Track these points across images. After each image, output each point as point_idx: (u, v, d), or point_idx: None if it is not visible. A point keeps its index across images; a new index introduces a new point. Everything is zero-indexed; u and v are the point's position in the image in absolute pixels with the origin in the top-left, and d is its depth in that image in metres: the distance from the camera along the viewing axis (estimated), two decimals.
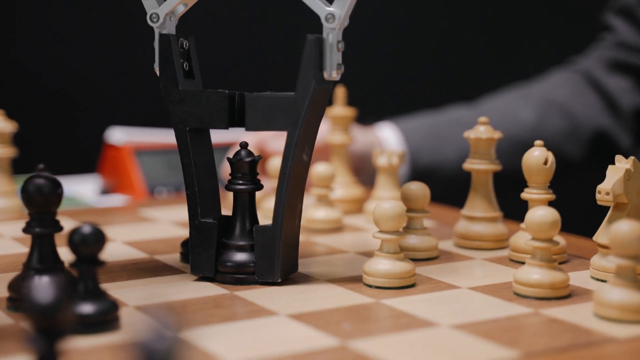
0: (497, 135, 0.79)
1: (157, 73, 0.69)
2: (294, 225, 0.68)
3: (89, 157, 1.38)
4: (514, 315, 0.59)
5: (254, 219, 0.68)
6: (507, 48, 1.90)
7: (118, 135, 1.21)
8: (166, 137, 1.24)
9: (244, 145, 0.68)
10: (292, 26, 1.44)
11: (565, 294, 0.63)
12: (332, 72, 0.66)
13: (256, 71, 1.73)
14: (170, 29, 0.70)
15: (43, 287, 0.39)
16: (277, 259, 0.66)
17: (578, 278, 0.68)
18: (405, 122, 1.26)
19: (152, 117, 1.58)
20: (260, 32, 1.79)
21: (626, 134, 1.27)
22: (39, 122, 1.62)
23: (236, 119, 0.68)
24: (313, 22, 0.67)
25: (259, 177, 0.69)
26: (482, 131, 0.79)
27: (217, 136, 1.26)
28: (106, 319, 0.55)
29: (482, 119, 0.79)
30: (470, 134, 0.79)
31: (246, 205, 0.68)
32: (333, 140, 0.99)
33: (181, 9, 0.70)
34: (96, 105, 1.72)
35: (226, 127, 0.67)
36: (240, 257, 0.67)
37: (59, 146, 1.65)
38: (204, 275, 0.68)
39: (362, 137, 1.18)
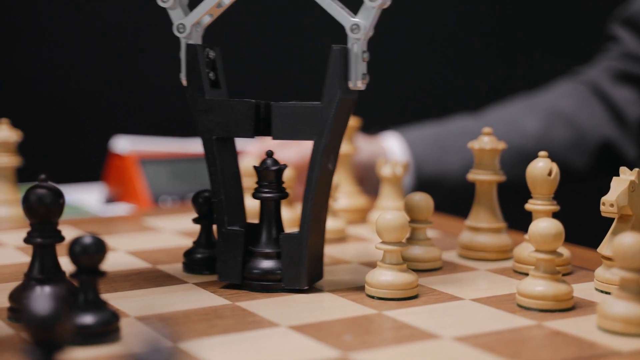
0: (501, 145, 0.79)
1: (184, 83, 0.70)
2: (319, 232, 0.69)
3: (94, 166, 1.38)
4: (517, 328, 0.59)
5: (280, 227, 0.69)
6: (512, 58, 1.90)
7: (123, 144, 1.21)
8: (171, 146, 1.24)
9: (269, 154, 0.69)
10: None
11: (569, 306, 0.63)
12: (357, 82, 0.66)
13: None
14: (197, 39, 0.70)
15: (41, 299, 0.39)
16: (304, 266, 0.67)
17: (582, 290, 0.68)
18: (410, 132, 1.26)
19: (158, 126, 1.58)
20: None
21: (632, 144, 1.26)
22: (44, 130, 1.62)
23: (261, 128, 0.68)
24: (337, 32, 0.68)
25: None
26: (486, 142, 0.79)
27: None
28: (106, 329, 0.55)
29: (486, 129, 0.79)
30: (475, 145, 0.79)
31: (272, 213, 0.69)
32: None
33: (207, 20, 0.71)
34: (101, 114, 1.72)
35: (252, 136, 0.68)
36: (267, 264, 0.68)
37: (64, 155, 1.65)
38: (231, 283, 0.68)
39: (366, 146, 1.17)
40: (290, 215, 0.91)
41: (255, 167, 0.69)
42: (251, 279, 0.68)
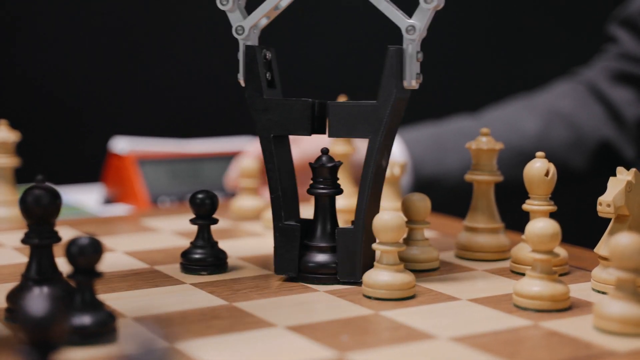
0: (498, 146, 0.79)
1: (242, 84, 0.72)
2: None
3: (94, 167, 1.38)
4: (514, 328, 0.59)
5: (334, 221, 0.72)
6: (511, 59, 1.90)
7: (122, 145, 1.21)
8: (170, 146, 1.24)
9: (325, 151, 0.71)
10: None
11: (565, 307, 0.63)
12: (412, 81, 0.69)
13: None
14: (254, 40, 0.72)
15: (36, 299, 0.39)
16: (359, 260, 0.69)
17: (579, 290, 0.68)
18: (409, 132, 1.26)
19: (157, 127, 1.58)
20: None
21: (630, 145, 1.26)
22: (44, 131, 1.62)
23: (317, 126, 0.71)
24: (382, 32, 0.69)
25: (264, 187, 0.70)
26: (483, 142, 0.79)
27: (223, 145, 1.27)
28: (103, 330, 0.55)
29: (484, 129, 0.79)
30: (472, 145, 0.79)
31: (327, 208, 0.72)
32: (336, 151, 0.98)
33: (264, 22, 0.73)
34: (101, 115, 1.72)
35: (309, 134, 0.71)
36: (322, 258, 0.70)
37: (64, 156, 1.65)
38: (289, 276, 0.71)
39: (365, 146, 1.17)
40: None
41: (310, 164, 0.72)
42: (306, 272, 0.70)
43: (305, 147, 1.12)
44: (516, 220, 0.89)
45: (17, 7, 1.66)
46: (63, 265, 0.58)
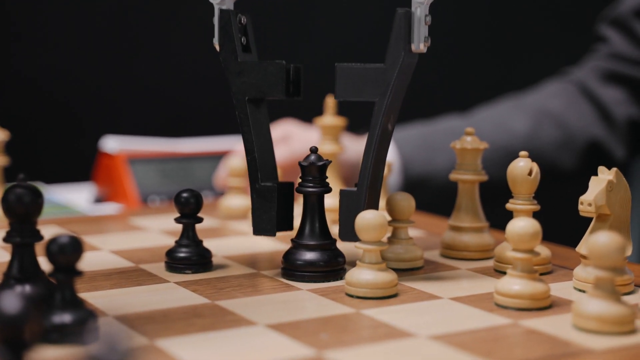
0: (482, 145, 0.79)
1: (217, 48, 0.73)
2: (376, 190, 0.72)
3: (85, 166, 1.38)
4: (493, 326, 0.59)
5: (323, 220, 0.73)
6: (501, 59, 1.91)
7: (112, 144, 1.21)
8: (160, 145, 1.24)
9: (314, 150, 0.72)
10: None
11: (545, 305, 0.63)
12: (420, 45, 0.70)
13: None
14: (229, 5, 0.74)
15: (9, 298, 0.39)
16: None
17: (561, 289, 0.68)
18: (399, 132, 1.26)
19: (149, 126, 1.58)
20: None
21: (620, 144, 1.26)
22: (35, 130, 1.62)
23: (292, 91, 0.72)
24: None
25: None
26: (468, 141, 0.79)
27: (212, 144, 1.27)
28: (83, 328, 0.55)
29: (469, 129, 0.79)
30: (457, 144, 0.79)
31: (315, 207, 0.72)
32: (323, 150, 0.99)
33: None
34: (92, 114, 1.72)
35: (284, 96, 0.72)
36: (310, 256, 0.71)
37: (55, 155, 1.66)
38: (266, 236, 0.72)
39: (354, 146, 1.18)
40: None
41: (299, 163, 0.72)
42: (294, 270, 0.71)
43: (294, 147, 1.12)
44: (505, 220, 0.89)
45: (9, 6, 1.66)
46: (45, 263, 0.58)
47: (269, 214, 0.72)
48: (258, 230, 0.72)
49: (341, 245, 0.76)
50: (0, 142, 1.00)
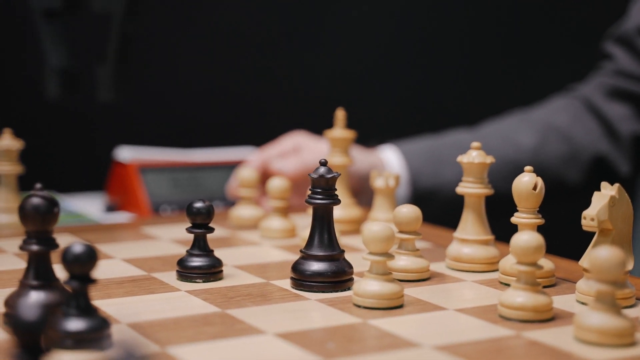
0: (489, 159, 0.80)
1: None
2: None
3: (98, 175, 1.40)
4: (496, 338, 0.61)
5: (332, 231, 0.74)
6: (508, 74, 1.92)
7: (125, 154, 1.23)
8: (172, 155, 1.26)
9: (323, 162, 0.74)
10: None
11: (548, 317, 0.64)
12: None
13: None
14: None
15: (27, 305, 0.41)
16: None
17: (564, 301, 0.70)
18: (407, 145, 1.28)
19: (161, 137, 1.60)
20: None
21: (625, 160, 1.28)
22: (50, 140, 1.64)
23: None
24: None
25: (263, 197, 0.72)
26: (474, 156, 0.80)
27: (224, 155, 1.29)
28: (97, 336, 0.57)
29: (475, 144, 0.81)
30: (463, 159, 0.81)
31: (324, 218, 0.74)
32: (333, 162, 1.00)
33: None
34: (106, 125, 1.74)
35: None
36: (318, 266, 0.73)
37: (70, 164, 1.67)
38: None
39: (363, 158, 1.19)
40: (285, 226, 0.93)
41: (309, 175, 0.74)
42: (303, 280, 0.72)
43: (305, 158, 1.14)
44: (511, 232, 0.90)
45: (22, 13, 1.68)
46: (60, 271, 0.60)
47: None
48: None
49: (349, 256, 0.78)
50: (14, 151, 1.02)
